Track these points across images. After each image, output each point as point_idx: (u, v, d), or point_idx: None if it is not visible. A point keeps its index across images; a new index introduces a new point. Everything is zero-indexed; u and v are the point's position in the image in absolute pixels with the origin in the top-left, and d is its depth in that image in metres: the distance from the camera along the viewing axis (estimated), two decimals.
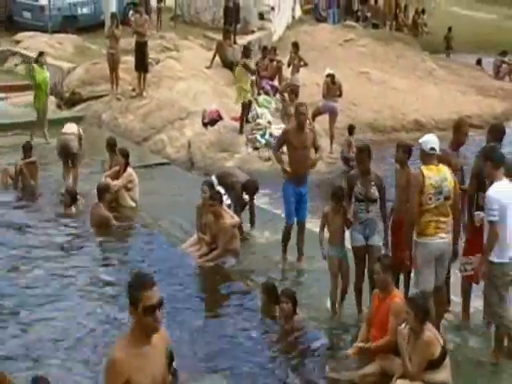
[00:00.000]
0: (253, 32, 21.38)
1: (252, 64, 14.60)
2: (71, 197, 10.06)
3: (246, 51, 14.86)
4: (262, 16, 21.96)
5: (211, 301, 7.93)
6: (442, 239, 6.42)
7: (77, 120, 13.00)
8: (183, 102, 14.77)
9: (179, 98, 14.88)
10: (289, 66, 16.57)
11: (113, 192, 10.04)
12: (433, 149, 6.43)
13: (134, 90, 15.66)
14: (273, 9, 22.32)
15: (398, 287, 6.74)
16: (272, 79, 16.99)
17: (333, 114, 14.62)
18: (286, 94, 15.59)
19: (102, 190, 9.80)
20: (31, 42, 18.06)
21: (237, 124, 14.28)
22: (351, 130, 14.01)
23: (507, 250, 6.21)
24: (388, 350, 6.11)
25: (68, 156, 10.72)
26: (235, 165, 12.96)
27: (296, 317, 6.99)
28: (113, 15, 16.15)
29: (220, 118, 14.41)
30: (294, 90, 14.80)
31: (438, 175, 6.41)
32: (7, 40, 17.80)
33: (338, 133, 14.60)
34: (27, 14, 20.44)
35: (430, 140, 6.51)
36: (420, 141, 6.57)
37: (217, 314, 7.61)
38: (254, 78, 14.79)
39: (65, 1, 20.96)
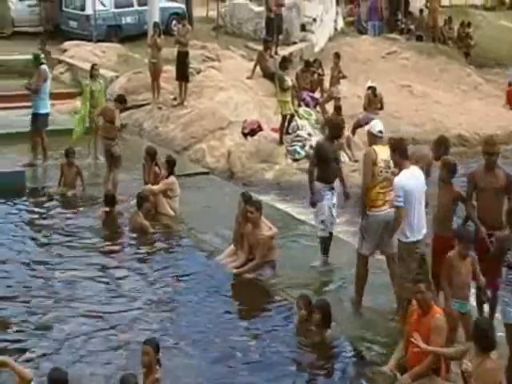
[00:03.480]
0: (294, 43, 21.37)
1: (288, 77, 14.56)
2: (108, 199, 10.12)
3: (284, 63, 14.86)
4: (303, 27, 21.92)
5: (246, 312, 7.90)
6: (386, 209, 7.31)
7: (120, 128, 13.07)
8: (224, 112, 14.80)
9: (220, 108, 14.92)
10: (332, 77, 16.53)
11: (152, 199, 10.07)
12: (380, 131, 7.49)
13: (175, 99, 15.76)
14: (315, 20, 22.27)
15: None
16: (313, 91, 16.93)
17: None
18: (326, 107, 15.53)
19: (142, 199, 9.86)
20: (76, 51, 18.33)
21: (276, 135, 14.25)
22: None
23: (415, 230, 6.92)
24: (429, 370, 5.96)
25: (110, 160, 10.84)
26: (274, 176, 12.96)
27: (329, 330, 6.91)
28: (155, 25, 16.30)
29: (260, 128, 14.40)
30: (337, 106, 14.68)
31: (386, 153, 7.26)
32: (55, 49, 18.08)
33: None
34: (73, 24, 20.80)
35: (378, 124, 7.65)
36: (368, 127, 7.77)
37: (250, 324, 7.56)
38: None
39: (109, 10, 21.28)
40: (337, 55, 17.04)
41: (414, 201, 6.91)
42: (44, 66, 12.75)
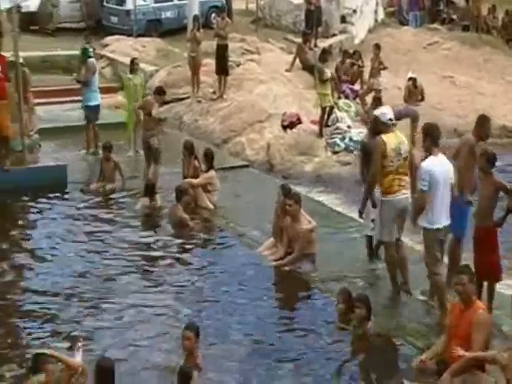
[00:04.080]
0: (334, 35, 21.20)
1: (327, 69, 14.46)
2: (148, 189, 10.18)
3: (323, 55, 14.76)
4: (343, 19, 21.73)
5: (285, 305, 7.89)
6: (404, 195, 7.38)
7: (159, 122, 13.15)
8: (263, 105, 14.78)
9: (259, 101, 14.90)
10: (372, 68, 16.37)
11: (191, 193, 10.11)
12: (391, 119, 7.44)
13: (214, 92, 15.79)
14: (355, 11, 22.05)
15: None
16: (353, 83, 16.79)
17: (415, 118, 14.28)
18: (366, 99, 15.39)
19: (181, 192, 9.91)
20: (117, 46, 18.52)
21: (316, 127, 14.18)
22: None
23: (439, 218, 6.98)
24: (473, 365, 5.85)
25: (150, 152, 10.92)
26: (313, 169, 12.88)
27: (370, 323, 6.88)
28: (195, 18, 16.35)
29: (299, 121, 14.34)
30: (377, 97, 14.55)
31: (396, 140, 7.36)
32: (96, 43, 18.28)
33: (420, 138, 14.23)
34: (114, 19, 21.03)
35: (387, 111, 7.62)
36: (377, 113, 7.66)
37: (290, 318, 7.55)
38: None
39: (149, 5, 21.43)
40: (377, 46, 16.86)
41: (439, 188, 6.92)
42: (92, 60, 12.98)
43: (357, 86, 16.78)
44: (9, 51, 11.70)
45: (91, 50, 13.52)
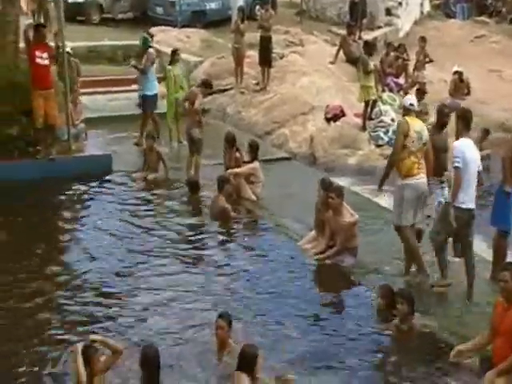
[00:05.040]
0: (379, 27, 20.99)
1: (370, 61, 14.33)
2: (191, 186, 10.25)
3: (367, 47, 14.62)
4: (389, 11, 21.50)
5: (325, 299, 7.84)
6: (422, 178, 7.61)
7: (202, 113, 13.22)
8: (306, 97, 14.73)
9: (302, 93, 14.85)
10: (417, 61, 16.17)
11: (233, 182, 10.13)
12: (412, 104, 7.80)
13: (257, 84, 15.79)
14: (400, 4, 21.79)
15: None
16: (397, 76, 16.61)
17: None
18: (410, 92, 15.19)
19: (223, 182, 9.93)
20: (162, 36, 18.60)
21: (359, 120, 14.08)
22: (486, 134, 13.22)
23: (467, 198, 7.18)
24: None
25: (191, 144, 11.01)
26: (357, 162, 12.79)
27: (413, 318, 6.82)
28: (239, 9, 16.35)
29: (343, 114, 14.25)
30: (421, 89, 14.38)
31: (418, 124, 7.69)
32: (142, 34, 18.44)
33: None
34: (159, 10, 21.20)
35: (410, 97, 8.13)
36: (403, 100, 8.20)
37: (330, 312, 7.54)
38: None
39: None
40: (422, 39, 16.66)
41: (469, 170, 7.16)
42: (152, 50, 13.12)
43: (401, 80, 16.60)
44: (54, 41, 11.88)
45: (150, 39, 13.62)
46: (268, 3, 17.45)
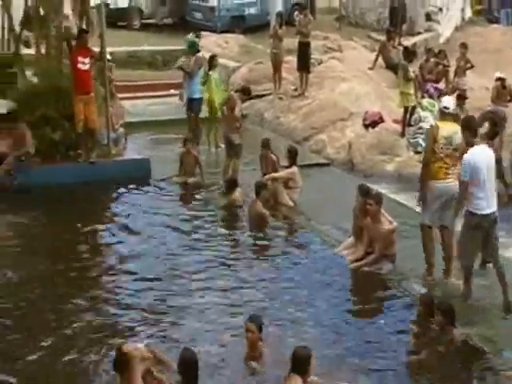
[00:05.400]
0: (419, 33, 20.83)
1: (410, 68, 14.22)
2: (229, 184, 10.28)
3: (406, 53, 14.51)
4: (429, 17, 21.34)
5: (362, 305, 7.79)
6: (449, 183, 7.55)
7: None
8: (345, 103, 14.67)
9: (341, 99, 14.79)
10: (457, 68, 15.99)
11: (270, 187, 10.12)
12: (445, 107, 7.77)
13: (296, 89, 15.79)
14: (441, 9, 21.61)
15: None
16: (437, 82, 16.43)
17: (502, 119, 13.87)
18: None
19: (260, 187, 9.93)
20: (201, 41, 18.64)
21: (398, 127, 13.96)
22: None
23: (483, 205, 7.15)
24: None
25: (230, 147, 11.04)
26: (395, 168, 12.68)
27: (454, 330, 6.71)
28: (278, 15, 16.39)
29: (381, 120, 14.16)
30: (461, 96, 14.20)
31: (451, 129, 7.57)
32: (180, 39, 18.59)
33: (508, 140, 13.81)
34: (198, 15, 21.37)
35: (445, 100, 8.04)
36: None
37: (367, 318, 7.48)
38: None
39: (233, 1, 21.64)
40: (463, 45, 16.44)
41: (482, 177, 7.11)
42: (201, 54, 13.28)
43: (441, 86, 16.41)
44: (96, 46, 12.03)
45: (199, 42, 13.81)
46: (307, 9, 17.45)
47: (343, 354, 6.68)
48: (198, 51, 13.27)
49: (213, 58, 13.42)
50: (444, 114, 7.83)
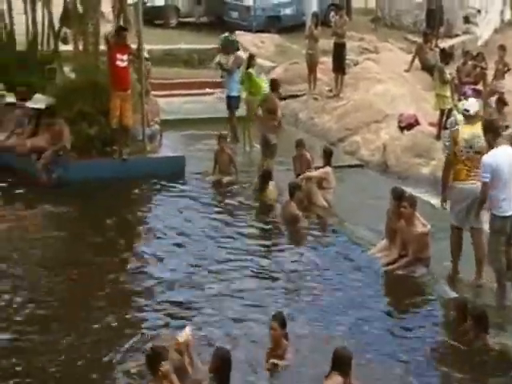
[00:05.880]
0: (456, 36, 20.62)
1: (447, 70, 14.07)
2: (264, 175, 10.27)
3: (443, 56, 14.37)
4: (467, 19, 21.10)
5: (397, 308, 7.72)
6: (471, 184, 7.54)
7: None
8: (380, 105, 14.59)
9: (376, 101, 14.71)
10: (496, 71, 15.78)
11: (304, 188, 10.09)
12: (466, 110, 7.78)
13: (330, 90, 15.74)
14: (479, 12, 21.35)
15: None
16: (475, 85, 16.23)
17: None
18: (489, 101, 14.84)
19: (294, 188, 9.91)
20: None
21: (434, 129, 13.82)
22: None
23: (506, 206, 7.19)
24: None
25: (266, 147, 11.09)
26: (430, 171, 12.57)
27: (487, 337, 6.63)
28: (313, 15, 16.37)
29: (417, 122, 14.03)
30: (501, 99, 14.01)
31: (471, 132, 7.55)
32: (217, 38, 18.67)
33: None
34: (234, 14, 21.42)
35: (467, 103, 8.07)
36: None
37: (400, 322, 7.40)
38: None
39: (269, 1, 21.65)
40: (502, 48, 16.22)
41: (503, 177, 7.13)
42: (240, 53, 13.42)
43: (480, 87, 16.21)
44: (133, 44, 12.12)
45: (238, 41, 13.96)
46: (342, 9, 17.38)
47: (376, 359, 6.62)
48: (238, 49, 13.32)
49: (252, 57, 13.50)
50: (466, 117, 7.83)
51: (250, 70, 13.17)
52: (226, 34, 15.34)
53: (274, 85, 11.73)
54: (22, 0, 13.03)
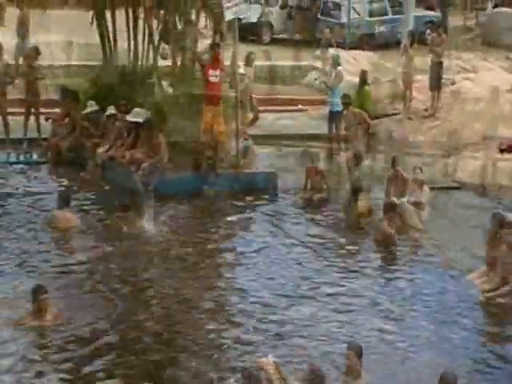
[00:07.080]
0: None
1: None
2: (355, 190, 10.22)
3: None
4: None
5: (495, 340, 7.38)
6: None
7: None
8: (478, 126, 14.15)
9: (474, 121, 14.29)
10: None
11: (399, 207, 9.90)
12: None
13: (426, 109, 15.41)
14: None
15: None
16: None
17: None
18: None
19: (389, 207, 9.74)
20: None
21: None
22: None
23: None
24: None
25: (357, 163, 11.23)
26: None
27: None
28: (409, 33, 16.13)
29: None
30: None
31: None
32: (310, 55, 18.65)
33: None
34: (327, 31, 21.32)
35: None
36: None
37: (500, 355, 7.04)
38: None
39: (363, 19, 21.49)
40: None
41: None
42: (341, 68, 13.88)
43: None
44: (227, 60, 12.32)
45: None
46: (440, 27, 17.02)
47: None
48: (339, 65, 13.70)
49: (364, 72, 13.57)
50: None
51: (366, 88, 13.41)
52: (318, 52, 15.37)
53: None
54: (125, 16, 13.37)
